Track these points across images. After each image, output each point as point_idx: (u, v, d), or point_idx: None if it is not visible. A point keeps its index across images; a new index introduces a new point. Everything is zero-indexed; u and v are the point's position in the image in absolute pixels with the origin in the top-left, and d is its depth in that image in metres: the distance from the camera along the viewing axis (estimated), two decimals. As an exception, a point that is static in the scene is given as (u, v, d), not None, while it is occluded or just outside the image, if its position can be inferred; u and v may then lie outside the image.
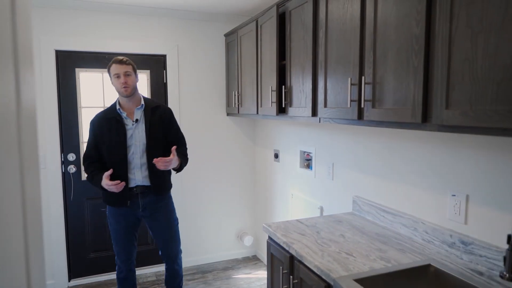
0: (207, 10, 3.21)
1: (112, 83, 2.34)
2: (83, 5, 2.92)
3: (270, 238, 1.92)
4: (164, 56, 3.25)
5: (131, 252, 2.44)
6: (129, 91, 2.30)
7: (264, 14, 2.55)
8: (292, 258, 1.69)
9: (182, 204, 3.40)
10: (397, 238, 1.75)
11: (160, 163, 2.18)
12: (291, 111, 2.23)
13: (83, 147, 3.11)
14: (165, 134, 2.38)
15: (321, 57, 1.89)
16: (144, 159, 2.31)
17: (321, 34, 1.88)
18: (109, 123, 2.31)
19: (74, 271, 3.17)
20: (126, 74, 2.29)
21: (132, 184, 2.31)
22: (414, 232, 1.73)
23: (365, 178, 2.11)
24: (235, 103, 3.16)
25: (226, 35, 3.35)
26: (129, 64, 2.31)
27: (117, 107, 2.33)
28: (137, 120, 2.32)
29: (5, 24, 0.57)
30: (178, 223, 2.51)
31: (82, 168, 3.11)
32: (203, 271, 3.39)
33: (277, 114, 2.35)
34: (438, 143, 1.63)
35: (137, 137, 2.31)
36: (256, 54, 2.72)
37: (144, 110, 2.34)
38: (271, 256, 1.91)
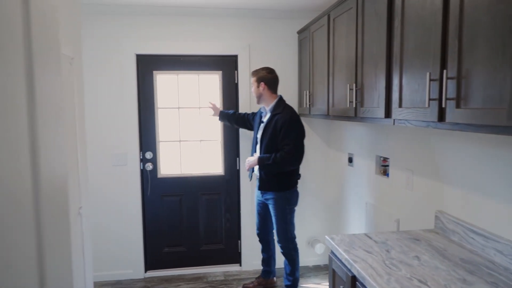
0: (279, 7, 3.11)
1: None
2: (159, 11, 3.06)
3: (332, 252, 1.74)
4: (235, 57, 3.24)
5: (259, 224, 2.92)
6: (256, 100, 2.82)
7: (337, 7, 2.36)
8: (354, 278, 1.49)
9: (252, 207, 3.35)
10: (489, 267, 1.43)
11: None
12: (362, 111, 2.00)
13: (160, 146, 3.25)
14: (275, 140, 2.64)
15: (396, 49, 1.65)
16: (259, 154, 2.74)
17: (397, 23, 1.64)
18: (259, 115, 2.86)
19: (149, 263, 3.35)
20: (252, 85, 2.81)
21: (255, 169, 2.82)
22: (513, 262, 1.39)
23: (451, 190, 1.79)
24: (306, 103, 3.00)
25: (299, 32, 3.21)
26: (253, 76, 2.79)
27: (262, 107, 2.82)
28: (263, 121, 2.76)
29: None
30: (285, 222, 2.72)
31: (159, 165, 3.27)
32: (280, 275, 3.29)
33: (356, 115, 2.12)
34: (549, 153, 1.28)
35: (260, 134, 2.74)
36: (327, 50, 2.53)
37: (270, 114, 2.72)
38: (332, 272, 1.72)
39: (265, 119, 2.75)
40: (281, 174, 2.67)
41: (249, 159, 2.78)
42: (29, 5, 0.70)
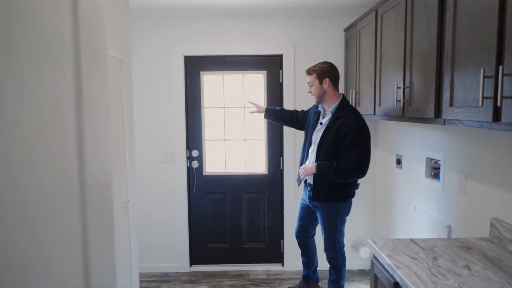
0: (325, 5, 3.06)
1: None
2: (206, 13, 3.14)
3: (374, 256, 1.68)
4: (280, 56, 3.24)
5: (299, 227, 2.74)
6: (315, 100, 2.51)
7: (385, 2, 2.27)
8: (396, 285, 1.43)
9: (295, 208, 3.32)
10: (551, 282, 1.30)
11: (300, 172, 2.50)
12: (410, 111, 1.91)
13: (205, 145, 3.34)
14: (337, 146, 2.36)
15: (447, 45, 1.55)
16: (314, 159, 2.45)
17: (448, 17, 1.54)
18: (315, 114, 2.58)
19: (194, 258, 3.45)
20: (309, 85, 2.51)
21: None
22: None
23: (509, 196, 1.65)
24: (352, 102, 2.92)
25: (346, 30, 3.13)
26: (311, 73, 2.49)
27: (320, 105, 2.54)
28: (321, 123, 2.48)
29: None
30: (335, 232, 2.52)
31: (204, 163, 3.36)
32: (321, 278, 3.24)
33: (403, 115, 2.03)
34: None
35: (316, 138, 2.47)
36: (374, 48, 2.45)
37: (331, 116, 2.42)
38: (374, 278, 1.66)
39: (324, 120, 2.46)
40: (340, 183, 2.42)
41: (305, 166, 2.45)
42: (78, 14, 0.75)
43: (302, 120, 2.74)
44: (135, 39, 3.07)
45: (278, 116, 2.83)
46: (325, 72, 2.44)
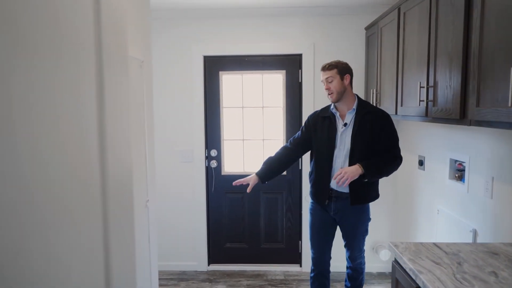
0: (345, 4, 3.01)
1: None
2: (225, 13, 3.15)
3: (395, 260, 1.64)
4: (300, 56, 3.22)
5: (323, 249, 2.43)
6: (334, 97, 2.27)
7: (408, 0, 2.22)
8: (419, 290, 1.39)
9: (313, 206, 3.30)
10: None
11: (337, 179, 2.14)
12: (434, 111, 1.86)
13: (224, 144, 3.35)
14: (374, 142, 2.22)
15: (474, 43, 1.50)
16: (346, 165, 2.24)
17: (475, 14, 1.49)
18: (323, 121, 2.34)
19: (212, 257, 3.47)
20: (328, 81, 2.27)
21: (331, 185, 2.28)
22: None
23: (539, 201, 1.58)
24: (373, 102, 2.87)
25: (367, 28, 3.08)
26: (331, 69, 2.27)
27: (332, 107, 2.35)
28: (346, 124, 2.27)
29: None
30: (365, 235, 2.42)
31: (223, 163, 3.37)
32: (331, 279, 3.20)
33: (427, 115, 1.97)
34: None
35: (343, 141, 2.27)
36: (397, 46, 2.39)
37: (355, 114, 2.26)
38: (395, 282, 1.63)
39: (348, 120, 2.27)
40: (371, 182, 2.31)
41: (346, 170, 2.13)
42: (100, 16, 0.76)
43: (306, 137, 2.43)
44: (154, 39, 3.10)
45: (274, 165, 2.48)
46: (347, 69, 2.30)
